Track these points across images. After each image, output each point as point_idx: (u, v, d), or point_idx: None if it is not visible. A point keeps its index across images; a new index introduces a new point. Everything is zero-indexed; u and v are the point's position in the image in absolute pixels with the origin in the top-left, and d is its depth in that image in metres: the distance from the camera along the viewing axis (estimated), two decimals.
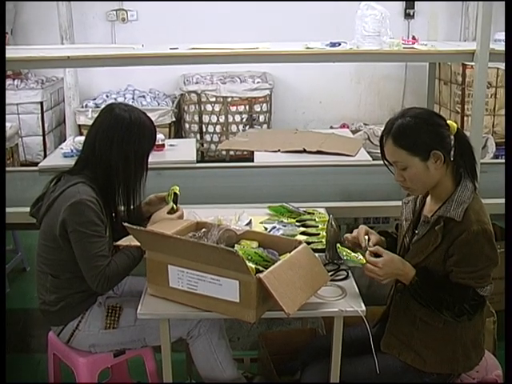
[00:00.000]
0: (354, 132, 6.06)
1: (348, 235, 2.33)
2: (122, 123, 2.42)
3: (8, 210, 2.89)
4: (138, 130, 2.43)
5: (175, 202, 2.63)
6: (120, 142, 2.41)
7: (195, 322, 2.50)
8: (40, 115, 6.78)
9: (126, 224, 2.15)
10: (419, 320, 2.22)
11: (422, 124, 2.11)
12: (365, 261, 2.13)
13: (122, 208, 2.55)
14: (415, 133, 2.10)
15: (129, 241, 2.30)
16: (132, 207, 2.54)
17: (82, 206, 2.30)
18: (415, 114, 2.14)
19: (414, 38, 3.62)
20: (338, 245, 2.24)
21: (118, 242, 2.37)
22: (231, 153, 6.40)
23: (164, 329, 2.18)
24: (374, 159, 4.37)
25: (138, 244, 2.23)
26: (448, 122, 2.16)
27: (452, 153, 2.13)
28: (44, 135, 6.85)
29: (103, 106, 2.58)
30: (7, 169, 4.48)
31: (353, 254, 2.17)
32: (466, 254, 2.07)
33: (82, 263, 2.34)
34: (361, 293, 2.25)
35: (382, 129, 2.20)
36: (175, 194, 2.65)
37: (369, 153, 4.53)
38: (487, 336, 2.53)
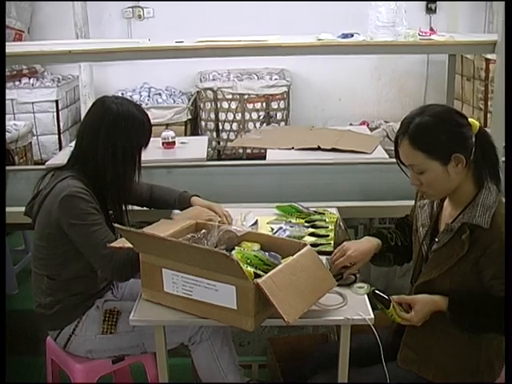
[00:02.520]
0: (373, 129, 5.92)
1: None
2: (109, 116, 2.30)
3: (16, 209, 2.83)
4: (125, 124, 2.31)
5: None
6: (106, 135, 2.29)
7: (196, 328, 2.39)
8: (55, 114, 6.71)
9: (116, 225, 2.03)
10: (439, 331, 2.05)
11: (443, 124, 1.91)
12: (398, 319, 1.99)
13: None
14: (435, 134, 1.91)
15: (123, 242, 2.18)
16: (124, 208, 2.43)
17: (73, 199, 2.20)
18: (435, 113, 1.94)
19: (431, 29, 3.47)
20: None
21: (112, 244, 2.25)
22: (248, 151, 6.28)
23: (159, 336, 2.06)
24: (391, 157, 4.24)
25: (131, 246, 2.11)
26: (470, 120, 1.96)
27: (473, 154, 1.93)
28: (59, 134, 6.79)
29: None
30: (17, 168, 4.45)
31: (387, 310, 2.00)
32: (502, 265, 1.84)
33: (90, 256, 2.25)
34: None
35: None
36: None
37: (387, 150, 4.40)
38: None
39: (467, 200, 1.97)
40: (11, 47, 3.36)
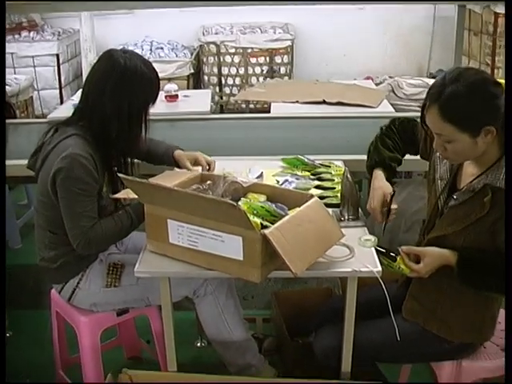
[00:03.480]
0: (378, 85, 5.83)
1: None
2: (116, 70, 2.23)
3: (17, 162, 2.80)
4: (132, 79, 2.23)
5: None
6: (112, 90, 2.22)
7: (201, 281, 2.37)
8: (56, 68, 6.63)
9: (121, 175, 1.99)
10: (447, 285, 2.03)
11: (477, 96, 1.78)
12: (407, 271, 1.96)
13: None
14: (467, 107, 1.79)
15: (127, 193, 2.15)
16: (131, 163, 2.38)
17: (72, 161, 2.14)
18: (470, 83, 1.79)
19: None
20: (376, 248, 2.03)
21: (116, 195, 2.22)
22: (251, 105, 6.22)
23: (164, 288, 2.04)
24: (397, 111, 4.19)
25: (136, 196, 2.08)
26: (499, 80, 1.85)
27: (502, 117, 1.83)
28: (61, 88, 6.71)
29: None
30: (18, 121, 4.39)
31: (394, 263, 1.97)
32: None
33: (66, 220, 2.21)
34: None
35: (427, 91, 1.88)
36: None
37: (392, 105, 4.34)
38: None
39: (491, 161, 1.90)
40: None
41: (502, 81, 1.86)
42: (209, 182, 2.16)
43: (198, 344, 3.09)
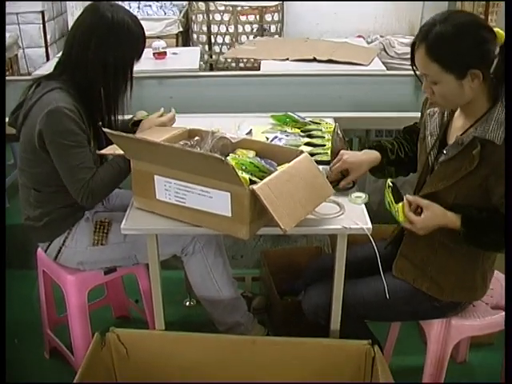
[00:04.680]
0: (369, 43, 5.77)
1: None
2: (103, 24, 2.16)
3: None
4: (119, 33, 2.17)
5: None
6: (98, 45, 2.15)
7: (189, 239, 2.34)
8: (42, 26, 6.48)
9: (106, 130, 1.94)
10: (438, 243, 2.00)
11: (464, 37, 1.74)
12: (402, 218, 1.89)
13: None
14: (454, 47, 1.75)
15: (113, 149, 2.10)
16: (116, 119, 2.33)
17: (58, 115, 2.08)
18: (459, 23, 1.76)
19: None
20: (390, 184, 1.94)
21: (102, 151, 2.17)
22: (241, 65, 6.13)
23: (151, 245, 2.01)
24: (388, 70, 4.14)
25: (122, 153, 2.03)
26: (496, 30, 1.79)
27: (494, 67, 1.78)
28: (47, 47, 6.58)
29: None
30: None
31: (395, 205, 1.91)
32: None
33: (65, 176, 2.16)
34: (370, 211, 2.03)
35: (416, 33, 1.84)
36: (137, 121, 2.44)
37: (384, 63, 4.29)
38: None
39: (480, 113, 1.86)
40: None
41: (499, 30, 1.81)
42: (197, 137, 2.11)
43: (187, 303, 3.08)
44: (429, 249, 2.04)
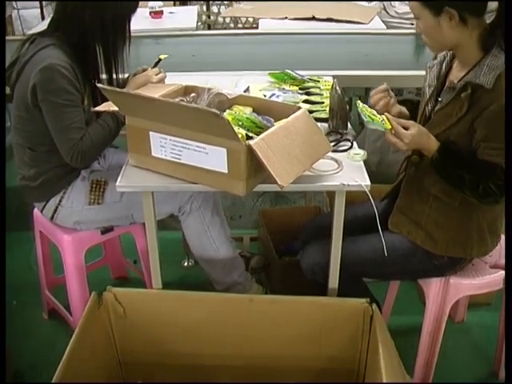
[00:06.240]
0: (369, 1, 5.67)
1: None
2: None
3: None
4: None
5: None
6: (93, 2, 2.10)
7: (186, 197, 2.32)
8: None
9: (100, 85, 1.90)
10: (433, 197, 2.00)
11: None
12: (389, 126, 1.83)
13: (104, 77, 2.29)
14: None
15: (108, 106, 2.06)
16: (115, 77, 2.28)
17: (52, 72, 2.04)
18: None
19: None
20: (361, 104, 1.89)
21: (97, 108, 2.13)
22: (239, 25, 6.04)
23: (147, 203, 1.97)
24: (388, 29, 4.08)
25: (117, 109, 1.99)
26: None
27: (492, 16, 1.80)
28: (42, 7, 6.43)
29: None
30: None
31: (378, 116, 1.84)
32: (495, 128, 1.77)
33: (55, 135, 2.13)
34: (369, 171, 1.99)
35: None
36: (158, 60, 2.38)
37: (384, 22, 4.23)
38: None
39: (474, 61, 1.86)
40: None
41: None
42: (193, 94, 2.07)
43: (185, 263, 3.08)
44: (424, 203, 2.04)
